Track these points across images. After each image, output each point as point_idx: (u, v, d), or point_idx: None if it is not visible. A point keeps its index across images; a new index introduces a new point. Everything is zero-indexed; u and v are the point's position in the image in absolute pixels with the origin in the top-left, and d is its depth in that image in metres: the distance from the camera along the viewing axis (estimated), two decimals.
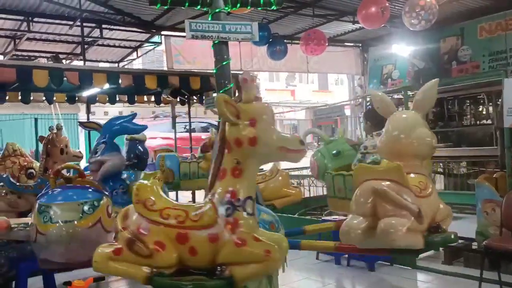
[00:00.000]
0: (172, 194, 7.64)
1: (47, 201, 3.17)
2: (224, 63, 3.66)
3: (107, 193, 3.60)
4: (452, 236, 3.30)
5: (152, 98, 7.53)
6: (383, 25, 7.95)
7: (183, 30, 9.82)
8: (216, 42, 3.63)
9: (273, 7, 4.10)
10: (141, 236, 2.32)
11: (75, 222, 3.10)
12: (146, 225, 2.36)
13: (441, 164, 9.06)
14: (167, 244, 2.27)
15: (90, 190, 3.43)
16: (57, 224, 3.05)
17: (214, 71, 3.66)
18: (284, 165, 5.72)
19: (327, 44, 9.19)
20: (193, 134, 8.94)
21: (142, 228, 2.35)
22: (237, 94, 6.08)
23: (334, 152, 5.11)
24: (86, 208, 3.18)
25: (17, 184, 5.47)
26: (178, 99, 7.27)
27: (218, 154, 2.46)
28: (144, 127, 5.33)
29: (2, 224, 3.27)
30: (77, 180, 3.64)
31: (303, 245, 3.30)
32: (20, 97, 6.45)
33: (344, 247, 3.37)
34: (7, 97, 6.37)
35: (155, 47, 12.44)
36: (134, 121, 4.99)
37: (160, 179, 5.10)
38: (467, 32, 9.62)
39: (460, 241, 5.62)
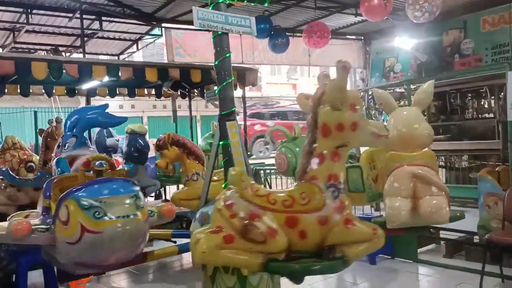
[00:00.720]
0: (174, 188, 7.62)
1: (93, 195, 2.76)
2: (226, 55, 3.60)
3: None
4: (458, 214, 3.77)
5: (153, 91, 7.48)
6: (386, 17, 7.89)
7: (184, 22, 9.86)
8: (219, 33, 3.57)
9: (265, 3, 4.09)
10: (254, 223, 2.28)
11: (132, 216, 2.80)
12: (257, 211, 2.33)
13: (442, 157, 9.02)
14: (278, 229, 2.27)
15: (127, 182, 3.09)
16: (116, 220, 2.70)
17: (215, 63, 3.61)
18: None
19: (330, 36, 9.13)
20: (285, 121, 8.58)
21: (254, 214, 2.32)
22: (237, 85, 6.04)
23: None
24: (137, 201, 2.89)
25: (17, 177, 5.45)
26: (178, 92, 7.23)
27: (311, 139, 2.53)
28: (122, 120, 4.73)
29: (24, 227, 2.77)
30: (107, 173, 3.34)
31: None
32: (19, 90, 6.40)
33: None
34: (6, 90, 6.33)
35: (155, 40, 12.36)
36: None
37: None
38: (470, 25, 9.55)
39: (461, 234, 5.62)
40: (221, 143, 3.52)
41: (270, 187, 8.11)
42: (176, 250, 4.13)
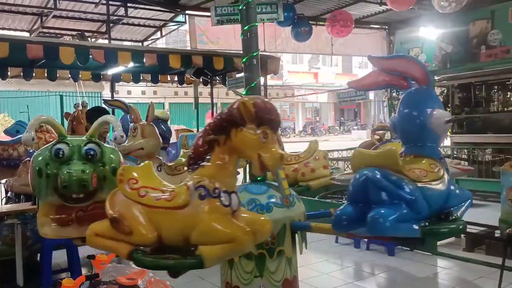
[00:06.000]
0: None
1: None
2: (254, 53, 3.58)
3: None
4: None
5: (176, 78, 7.55)
6: (411, 7, 7.76)
7: (207, 10, 9.86)
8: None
9: None
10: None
11: None
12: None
13: (465, 150, 8.89)
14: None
15: None
16: None
17: (243, 60, 3.55)
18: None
19: (353, 25, 9.04)
20: None
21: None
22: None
23: None
24: None
25: None
26: (201, 79, 7.27)
27: None
28: None
29: None
30: None
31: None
32: (46, 74, 6.54)
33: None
34: (34, 74, 6.47)
35: (179, 27, 12.42)
36: None
37: None
38: (497, 15, 9.28)
39: (482, 228, 5.56)
40: None
41: None
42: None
